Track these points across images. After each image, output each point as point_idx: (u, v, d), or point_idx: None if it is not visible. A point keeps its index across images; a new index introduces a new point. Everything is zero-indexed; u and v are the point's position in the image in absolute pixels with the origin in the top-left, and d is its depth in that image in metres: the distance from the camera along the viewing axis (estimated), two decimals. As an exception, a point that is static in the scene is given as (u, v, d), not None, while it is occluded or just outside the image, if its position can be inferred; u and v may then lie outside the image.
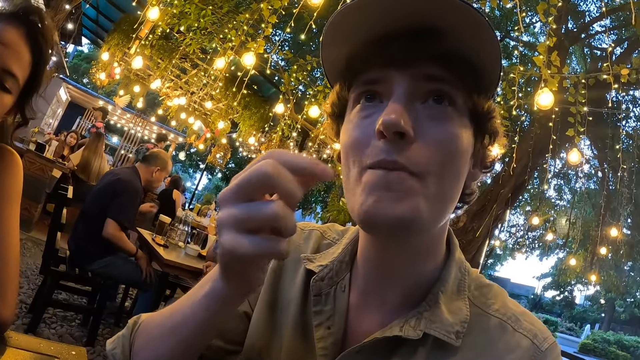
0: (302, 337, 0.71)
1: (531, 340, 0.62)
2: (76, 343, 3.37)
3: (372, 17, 0.58)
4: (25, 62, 1.01)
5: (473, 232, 7.53)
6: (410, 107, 0.58)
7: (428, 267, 0.67)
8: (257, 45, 4.03)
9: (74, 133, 8.66)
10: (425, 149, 0.57)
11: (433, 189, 0.57)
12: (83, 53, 26.81)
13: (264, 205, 0.44)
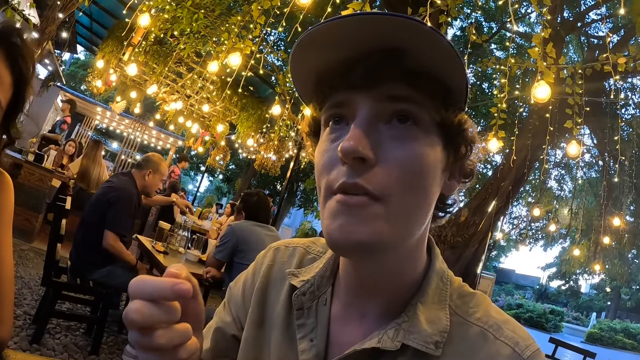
0: (288, 350, 0.73)
1: (512, 348, 0.62)
2: (81, 352, 3.38)
3: (334, 42, 0.58)
4: (7, 85, 1.00)
5: (475, 226, 7.54)
6: (373, 130, 0.58)
7: (407, 279, 0.67)
8: (244, 46, 4.02)
9: (72, 142, 8.64)
10: (387, 171, 0.57)
11: (396, 210, 0.57)
12: (80, 60, 26.82)
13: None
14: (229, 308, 0.87)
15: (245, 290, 0.85)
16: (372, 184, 0.56)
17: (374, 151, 0.57)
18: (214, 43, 6.57)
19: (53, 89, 14.54)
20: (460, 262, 7.56)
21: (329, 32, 0.57)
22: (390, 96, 0.59)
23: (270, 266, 0.84)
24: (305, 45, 0.60)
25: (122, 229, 3.53)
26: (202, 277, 3.50)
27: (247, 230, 3.49)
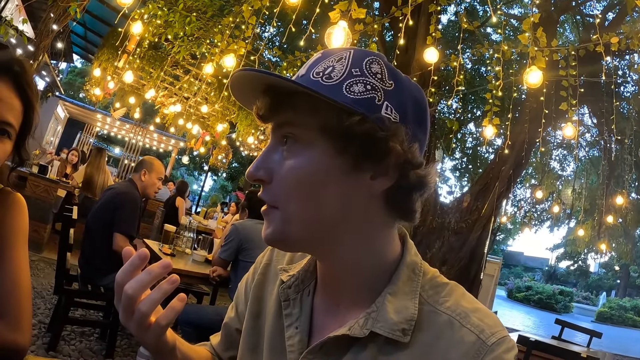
0: (278, 337, 0.81)
1: (477, 335, 0.65)
2: (96, 356, 3.47)
3: (239, 87, 0.74)
4: (18, 110, 1.10)
5: (478, 211, 7.55)
6: (272, 155, 0.72)
7: (374, 272, 0.74)
8: (238, 47, 4.06)
9: (74, 151, 8.72)
10: (278, 186, 0.70)
11: (290, 213, 0.70)
12: (77, 68, 26.87)
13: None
14: (235, 305, 0.98)
15: (246, 288, 0.96)
16: (268, 196, 0.72)
17: (267, 173, 0.71)
18: (208, 45, 6.61)
19: (52, 99, 14.60)
20: (465, 248, 7.57)
21: (233, 85, 0.74)
22: (277, 124, 0.72)
23: (267, 265, 0.94)
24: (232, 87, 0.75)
25: (130, 230, 3.60)
26: (209, 277, 3.56)
27: (250, 228, 3.54)
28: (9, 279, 1.14)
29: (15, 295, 1.13)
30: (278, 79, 0.67)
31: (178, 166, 28.37)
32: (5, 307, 1.11)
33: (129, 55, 6.80)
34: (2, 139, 1.09)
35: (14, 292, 1.13)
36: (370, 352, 0.68)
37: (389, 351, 0.68)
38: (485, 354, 0.63)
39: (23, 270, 1.17)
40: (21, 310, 1.12)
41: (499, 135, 5.20)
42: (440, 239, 7.58)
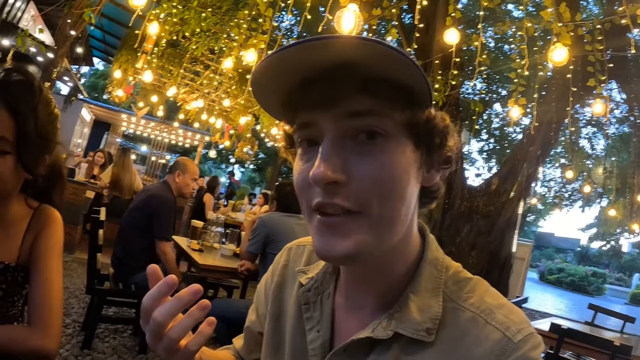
0: (300, 341, 0.79)
1: (502, 332, 0.63)
2: (130, 352, 3.53)
3: (287, 67, 0.61)
4: (7, 123, 1.11)
5: (506, 193, 7.42)
6: (340, 150, 0.61)
7: (399, 271, 0.71)
8: (257, 41, 4.03)
9: (101, 152, 8.84)
10: (360, 187, 0.60)
11: (376, 219, 0.61)
12: (98, 70, 27.30)
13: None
14: (255, 308, 0.98)
15: (266, 289, 0.95)
16: (348, 201, 0.60)
17: (343, 171, 0.60)
18: (226, 39, 6.62)
19: (77, 103, 14.85)
20: (495, 231, 7.47)
21: (278, 60, 0.59)
22: (351, 113, 0.61)
23: (284, 266, 0.93)
24: (262, 74, 0.63)
25: (169, 234, 3.68)
26: (238, 270, 3.57)
27: (277, 221, 3.53)
28: (42, 289, 1.22)
29: (46, 304, 1.20)
30: (380, 46, 0.56)
31: (205, 160, 28.67)
32: (37, 315, 1.18)
33: (147, 55, 6.85)
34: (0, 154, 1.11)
35: (45, 301, 1.21)
36: (394, 353, 0.66)
37: (412, 351, 0.66)
38: (512, 352, 0.61)
39: (55, 281, 1.24)
40: (51, 318, 1.19)
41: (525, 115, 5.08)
42: (469, 223, 7.49)
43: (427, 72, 5.71)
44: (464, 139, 9.29)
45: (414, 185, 0.65)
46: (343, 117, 0.61)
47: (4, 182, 1.16)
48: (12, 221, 1.27)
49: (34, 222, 1.29)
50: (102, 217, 3.62)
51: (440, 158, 0.70)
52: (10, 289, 1.26)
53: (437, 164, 0.70)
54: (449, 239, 7.45)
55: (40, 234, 1.28)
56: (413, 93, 0.63)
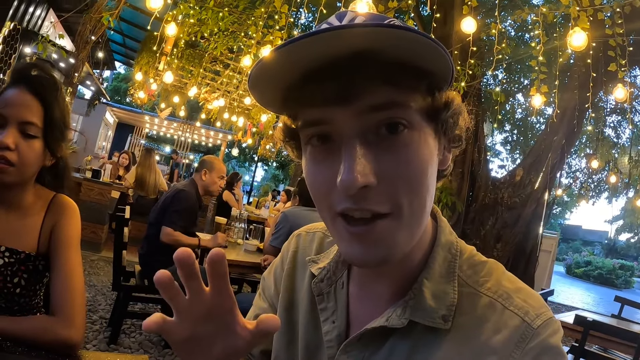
0: (314, 332, 0.78)
1: (522, 318, 0.61)
2: (155, 347, 3.60)
3: (293, 60, 0.56)
4: (36, 108, 1.22)
5: (531, 184, 7.34)
6: (366, 149, 0.57)
7: (414, 257, 0.69)
8: (274, 37, 4.06)
9: (125, 153, 8.99)
10: (389, 188, 0.57)
11: (407, 217, 0.59)
12: (120, 74, 27.69)
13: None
14: (264, 296, 0.93)
15: (276, 278, 0.91)
16: (379, 204, 0.57)
17: (373, 174, 0.56)
18: (244, 38, 6.67)
19: (100, 107, 15.12)
20: (520, 223, 7.38)
21: (287, 54, 0.54)
22: (371, 106, 0.56)
23: (294, 252, 0.90)
24: (265, 69, 0.57)
25: (177, 224, 3.70)
26: (261, 265, 3.60)
27: (299, 215, 3.55)
28: (63, 279, 1.25)
29: (68, 294, 1.23)
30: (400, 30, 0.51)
31: (228, 159, 28.89)
32: (60, 306, 1.21)
33: (167, 56, 6.94)
34: (29, 139, 1.20)
35: (67, 291, 1.23)
36: (410, 341, 0.65)
37: (428, 339, 0.64)
38: (531, 337, 0.59)
39: (76, 270, 1.27)
40: (74, 308, 1.22)
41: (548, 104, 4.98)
42: (493, 216, 7.42)
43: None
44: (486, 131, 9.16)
45: (435, 172, 0.63)
46: (364, 112, 0.56)
47: (29, 165, 1.23)
48: (30, 211, 1.31)
49: (50, 212, 1.33)
50: (127, 216, 3.69)
51: (453, 138, 0.68)
52: (32, 278, 1.29)
53: (448, 144, 0.68)
54: (473, 232, 7.39)
55: (58, 224, 1.32)
56: (435, 77, 0.60)
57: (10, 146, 1.16)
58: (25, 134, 1.19)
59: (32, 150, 1.21)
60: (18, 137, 1.18)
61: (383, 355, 0.66)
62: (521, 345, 0.59)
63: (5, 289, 1.23)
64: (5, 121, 1.17)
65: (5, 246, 1.24)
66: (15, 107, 1.18)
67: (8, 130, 1.17)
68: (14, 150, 1.17)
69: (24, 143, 1.19)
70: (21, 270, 1.26)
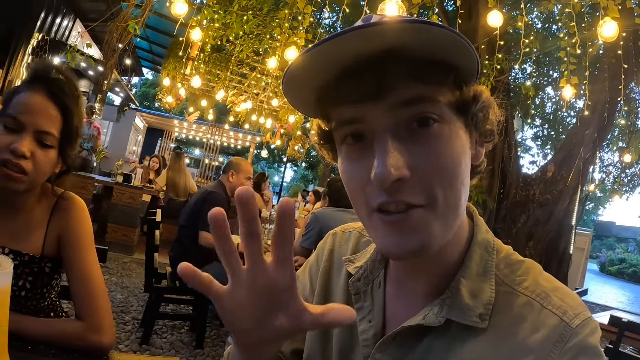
0: (350, 332, 0.78)
1: (560, 317, 0.60)
2: (187, 347, 3.65)
3: (326, 59, 0.57)
4: (55, 118, 1.19)
5: (563, 180, 7.18)
6: (398, 143, 0.58)
7: (450, 256, 0.69)
8: (298, 39, 4.08)
9: (156, 157, 9.14)
10: (423, 180, 0.58)
11: (441, 209, 0.59)
12: (149, 80, 28.18)
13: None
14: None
15: (311, 276, 0.92)
16: (413, 196, 0.58)
17: (406, 167, 0.57)
18: (269, 40, 6.72)
19: (129, 112, 15.42)
20: (552, 220, 7.23)
21: (319, 54, 0.56)
22: (402, 102, 0.58)
23: (330, 251, 0.90)
24: (298, 70, 0.59)
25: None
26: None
27: (330, 215, 3.55)
28: (83, 283, 1.23)
29: (91, 296, 1.22)
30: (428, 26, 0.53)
31: (257, 160, 29.14)
32: (86, 311, 1.20)
33: (193, 61, 7.04)
34: (45, 149, 1.17)
35: (90, 293, 1.22)
36: (446, 340, 0.64)
37: (465, 337, 0.64)
38: (570, 337, 0.58)
39: (94, 270, 1.26)
40: (101, 311, 1.21)
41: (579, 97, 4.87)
42: (525, 213, 7.28)
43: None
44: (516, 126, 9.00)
45: (468, 166, 0.64)
46: (395, 107, 0.58)
47: (42, 174, 1.20)
48: (34, 211, 1.28)
49: (56, 211, 1.30)
50: (158, 219, 3.75)
51: (485, 133, 0.68)
52: (38, 281, 1.27)
53: (482, 139, 0.68)
54: (505, 230, 7.28)
55: (68, 226, 1.29)
56: (461, 71, 0.61)
57: (26, 154, 1.13)
58: (41, 143, 1.17)
59: (47, 159, 1.19)
60: (34, 145, 1.15)
61: (419, 354, 0.66)
62: (559, 344, 0.58)
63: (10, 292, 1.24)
64: (22, 127, 1.14)
65: (9, 248, 1.22)
66: (35, 114, 1.15)
67: (24, 137, 1.14)
68: (29, 159, 1.14)
69: (39, 152, 1.16)
70: (25, 273, 1.24)
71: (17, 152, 1.11)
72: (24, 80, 1.22)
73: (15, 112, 1.14)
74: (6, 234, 1.23)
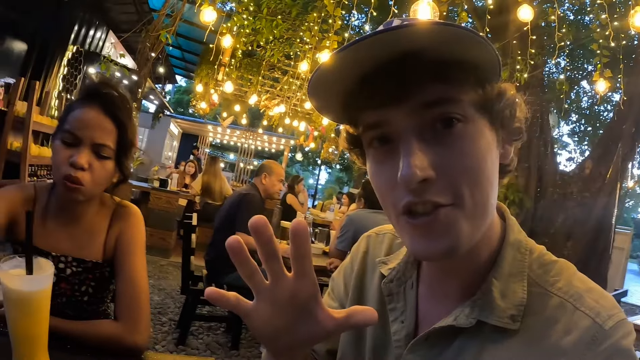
0: (382, 332, 0.79)
1: (592, 319, 0.59)
2: (222, 348, 3.71)
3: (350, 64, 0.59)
4: (110, 130, 1.25)
5: (602, 177, 6.96)
6: (422, 144, 0.59)
7: (482, 256, 0.68)
8: (330, 42, 4.09)
9: (191, 162, 9.28)
10: (450, 180, 0.58)
11: (470, 207, 0.59)
12: (182, 87, 28.67)
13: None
14: (333, 295, 0.95)
15: (345, 278, 0.93)
16: (440, 196, 0.58)
17: (431, 167, 0.57)
18: (299, 43, 6.76)
19: (164, 119, 15.74)
20: (591, 219, 7.01)
21: (337, 62, 0.58)
22: (424, 104, 0.58)
23: (364, 253, 0.91)
24: (324, 75, 0.60)
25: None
26: (327, 268, 3.62)
27: (365, 217, 3.53)
28: (128, 285, 1.28)
29: (135, 300, 1.27)
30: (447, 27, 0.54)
31: (292, 164, 29.27)
32: (126, 311, 1.25)
33: (225, 67, 7.14)
34: (103, 160, 1.24)
35: (133, 297, 1.27)
36: (477, 341, 0.64)
37: (496, 339, 0.63)
38: (602, 340, 0.57)
39: (141, 275, 1.31)
40: (141, 315, 1.25)
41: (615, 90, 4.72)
42: (563, 212, 7.08)
43: (505, 54, 5.50)
44: (552, 122, 8.78)
45: (496, 164, 0.64)
46: (418, 109, 0.58)
47: (101, 185, 1.28)
48: (94, 220, 1.35)
49: (115, 219, 1.37)
50: (194, 222, 3.82)
51: (512, 131, 0.67)
52: (99, 286, 1.33)
53: (509, 137, 0.67)
54: (542, 230, 7.09)
55: (123, 231, 1.36)
56: (483, 69, 0.61)
57: (84, 166, 1.19)
58: (98, 155, 1.23)
59: (104, 170, 1.25)
60: (92, 158, 1.21)
61: (450, 355, 0.66)
62: (592, 347, 0.57)
63: (73, 298, 1.28)
64: (79, 141, 1.20)
65: (72, 256, 1.29)
66: (91, 129, 1.21)
67: (82, 150, 1.20)
68: (87, 170, 1.21)
69: (97, 163, 1.23)
70: (88, 279, 1.31)
71: (76, 165, 1.18)
72: (78, 97, 1.29)
73: (72, 128, 1.21)
74: (69, 242, 1.30)
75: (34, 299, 0.88)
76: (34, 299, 0.88)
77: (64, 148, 1.20)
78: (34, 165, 4.65)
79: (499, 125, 0.64)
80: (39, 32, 7.09)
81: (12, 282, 0.86)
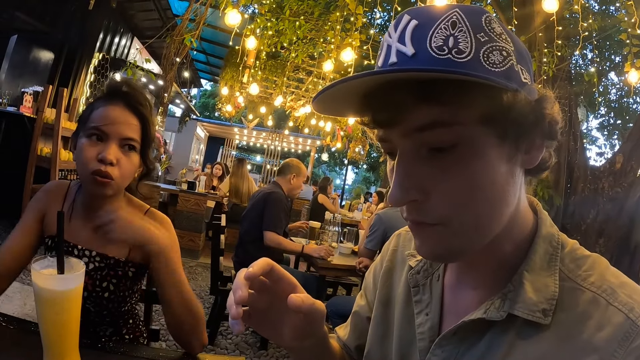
0: (407, 325, 0.79)
1: (626, 314, 0.57)
2: (251, 348, 3.72)
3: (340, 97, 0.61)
4: (135, 125, 1.30)
5: (633, 171, 6.76)
6: (414, 167, 0.60)
7: (509, 250, 0.67)
8: (353, 39, 4.07)
9: (218, 164, 9.37)
10: (438, 202, 0.59)
11: (458, 228, 0.60)
12: (207, 91, 28.97)
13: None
14: (364, 294, 0.98)
15: (375, 275, 0.95)
16: (428, 216, 0.60)
17: (418, 191, 0.59)
18: (323, 43, 6.76)
19: (191, 122, 15.94)
20: (623, 215, 6.82)
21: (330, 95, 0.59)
22: (415, 128, 0.58)
23: (394, 251, 0.93)
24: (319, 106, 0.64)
25: (278, 227, 3.76)
26: (356, 268, 3.60)
27: (393, 216, 3.51)
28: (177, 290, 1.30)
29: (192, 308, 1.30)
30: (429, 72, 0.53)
31: (318, 164, 29.36)
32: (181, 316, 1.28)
33: (250, 69, 7.19)
34: (129, 153, 1.28)
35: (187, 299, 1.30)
36: (508, 336, 0.63)
37: (528, 334, 0.61)
38: (636, 336, 0.55)
39: (185, 279, 1.33)
40: (199, 319, 1.30)
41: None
42: (594, 208, 6.87)
43: (532, 47, 5.40)
44: (581, 116, 8.58)
45: (506, 177, 0.61)
46: (410, 134, 0.59)
47: (128, 178, 1.31)
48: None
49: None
50: (223, 224, 3.85)
51: (541, 134, 0.63)
52: (121, 284, 1.34)
53: (537, 142, 0.64)
54: (574, 227, 6.93)
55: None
56: (477, 85, 0.54)
57: (113, 161, 1.23)
58: (126, 149, 1.27)
59: (131, 164, 1.29)
60: (119, 152, 1.25)
61: (480, 350, 0.65)
62: (624, 343, 0.55)
63: (94, 292, 1.30)
64: (106, 137, 1.24)
65: (96, 251, 1.31)
66: (117, 124, 1.25)
67: (110, 145, 1.23)
68: (115, 165, 1.24)
69: (124, 158, 1.26)
70: (110, 275, 1.32)
71: (106, 160, 1.21)
72: (100, 96, 1.33)
73: (98, 124, 1.24)
74: (94, 237, 1.32)
75: (65, 298, 0.89)
76: (65, 298, 0.89)
77: (90, 145, 1.24)
78: (63, 169, 4.76)
79: (513, 135, 0.60)
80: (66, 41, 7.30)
81: (43, 282, 0.88)
